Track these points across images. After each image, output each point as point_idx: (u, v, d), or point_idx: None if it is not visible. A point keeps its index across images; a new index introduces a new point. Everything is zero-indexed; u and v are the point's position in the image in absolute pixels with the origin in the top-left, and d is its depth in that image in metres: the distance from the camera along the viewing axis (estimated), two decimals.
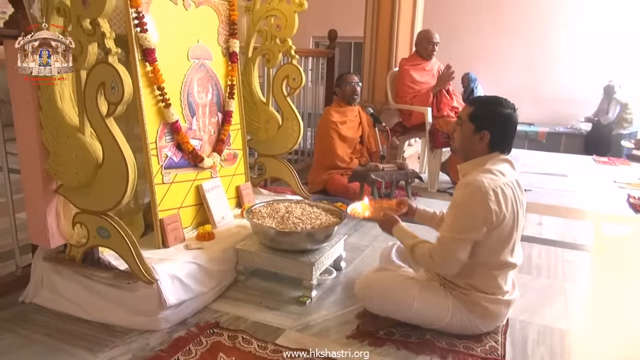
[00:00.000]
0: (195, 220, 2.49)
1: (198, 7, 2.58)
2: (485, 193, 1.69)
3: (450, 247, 1.75)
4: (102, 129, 1.76)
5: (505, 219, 1.75)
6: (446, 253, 1.76)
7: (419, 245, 1.86)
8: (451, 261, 1.76)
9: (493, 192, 1.71)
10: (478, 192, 1.70)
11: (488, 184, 1.71)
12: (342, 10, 8.99)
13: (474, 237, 1.73)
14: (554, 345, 1.91)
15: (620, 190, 4.47)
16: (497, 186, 1.72)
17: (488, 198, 1.69)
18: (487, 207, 1.70)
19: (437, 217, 2.14)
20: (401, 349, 1.84)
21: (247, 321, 2.01)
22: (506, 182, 1.76)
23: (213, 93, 2.70)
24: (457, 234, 1.74)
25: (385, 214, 2.03)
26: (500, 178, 1.75)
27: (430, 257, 1.79)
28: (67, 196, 1.96)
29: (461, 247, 1.74)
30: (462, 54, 8.31)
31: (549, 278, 2.53)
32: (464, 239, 1.73)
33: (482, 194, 1.69)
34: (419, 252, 1.85)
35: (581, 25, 8.41)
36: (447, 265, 1.79)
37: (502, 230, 1.77)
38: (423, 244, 1.85)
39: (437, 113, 4.19)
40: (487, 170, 1.76)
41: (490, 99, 1.88)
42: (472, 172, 1.80)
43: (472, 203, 1.72)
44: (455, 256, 1.74)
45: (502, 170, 1.78)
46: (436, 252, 1.78)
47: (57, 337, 1.86)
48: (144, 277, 1.86)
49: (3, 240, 2.58)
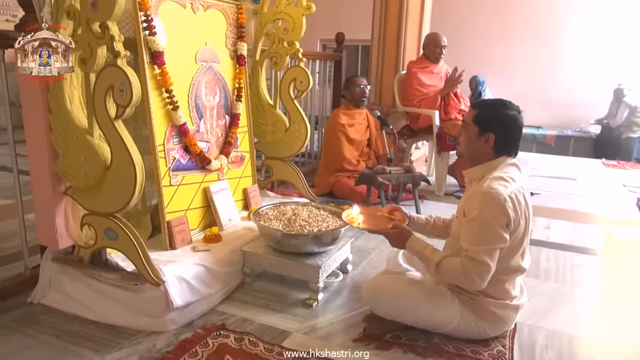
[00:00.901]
0: (203, 223, 2.50)
1: (206, 11, 2.59)
2: (504, 200, 1.68)
3: (482, 261, 1.67)
4: (110, 131, 1.77)
5: (519, 225, 1.74)
6: (479, 267, 1.68)
7: (446, 261, 1.76)
8: (485, 274, 1.69)
9: (510, 199, 1.69)
10: (496, 200, 1.68)
11: (504, 192, 1.69)
12: (350, 13, 9.01)
13: (502, 244, 1.70)
14: (562, 350, 1.89)
15: (629, 194, 4.43)
16: (512, 192, 1.71)
17: (506, 205, 1.68)
18: (506, 213, 1.68)
19: (430, 224, 2.09)
20: (408, 352, 1.83)
21: (253, 323, 2.01)
22: (518, 188, 1.75)
23: (221, 96, 2.71)
24: (485, 245, 1.68)
25: (395, 225, 1.93)
26: (513, 184, 1.74)
27: (463, 275, 1.70)
28: (76, 198, 1.97)
29: (492, 258, 1.69)
30: (470, 57, 8.29)
31: (557, 282, 2.51)
32: (493, 249, 1.69)
33: (500, 202, 1.67)
34: (447, 269, 1.75)
35: (590, 28, 8.36)
36: (481, 280, 1.70)
37: (515, 237, 1.76)
38: (450, 261, 1.76)
39: (445, 116, 4.18)
40: (498, 178, 1.75)
41: (494, 101, 1.88)
42: (484, 180, 1.77)
43: (492, 212, 1.68)
44: (489, 269, 1.68)
45: (512, 175, 1.77)
46: (468, 268, 1.69)
47: (64, 338, 1.87)
48: (151, 279, 1.87)
49: (12, 241, 2.60)
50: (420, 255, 1.85)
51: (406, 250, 1.90)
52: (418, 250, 1.85)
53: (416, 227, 2.08)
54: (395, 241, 1.91)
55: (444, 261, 1.77)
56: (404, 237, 1.88)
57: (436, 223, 2.10)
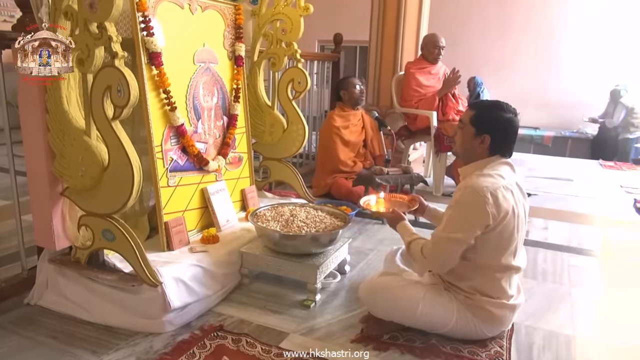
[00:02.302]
0: (200, 223, 2.50)
1: (204, 11, 2.59)
2: (483, 196, 1.71)
3: (440, 247, 1.78)
4: (108, 132, 1.77)
5: (504, 221, 1.75)
6: (436, 251, 1.79)
7: (415, 242, 1.89)
8: (440, 260, 1.80)
9: (491, 195, 1.71)
10: (476, 195, 1.72)
11: (486, 187, 1.72)
12: (348, 14, 9.01)
13: (465, 238, 1.73)
14: (559, 351, 1.90)
15: (626, 195, 4.44)
16: (496, 189, 1.73)
17: (486, 202, 1.70)
18: (483, 210, 1.71)
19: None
20: (405, 353, 1.83)
21: (251, 324, 2.01)
22: (505, 185, 1.77)
23: (218, 96, 2.71)
24: (448, 233, 1.75)
25: (394, 210, 2.06)
26: (500, 181, 1.76)
27: (422, 254, 1.81)
28: (73, 198, 1.97)
29: (451, 248, 1.75)
30: (468, 58, 8.30)
31: (554, 283, 2.51)
32: (455, 239, 1.74)
33: (480, 198, 1.71)
34: (413, 249, 1.88)
35: (588, 29, 8.38)
36: (436, 264, 1.84)
37: (502, 233, 1.77)
38: (418, 241, 1.88)
39: (443, 117, 4.19)
40: (486, 174, 1.78)
41: (491, 103, 1.90)
42: (471, 176, 1.81)
43: (469, 206, 1.74)
44: (444, 256, 1.78)
45: (501, 173, 1.79)
46: (427, 249, 1.81)
47: (61, 339, 1.87)
48: (149, 280, 1.86)
49: (9, 242, 2.60)
50: (402, 237, 1.99)
51: (396, 230, 2.03)
52: (401, 232, 1.99)
53: (431, 217, 2.20)
54: (390, 223, 2.06)
55: (413, 242, 1.89)
56: (396, 221, 2.03)
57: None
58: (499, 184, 1.75)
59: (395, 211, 2.06)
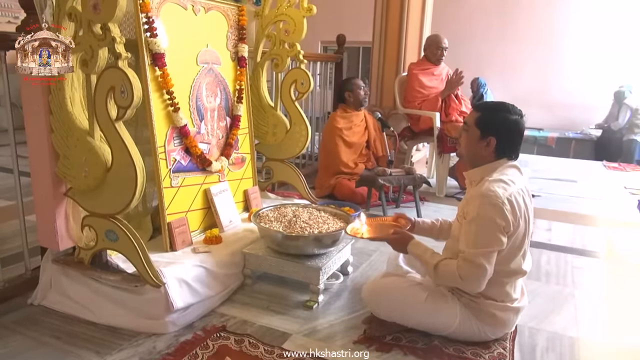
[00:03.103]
0: (203, 224, 2.50)
1: (207, 12, 2.60)
2: (502, 203, 1.68)
3: (479, 263, 1.68)
4: (111, 133, 1.77)
5: (519, 227, 1.74)
6: (476, 270, 1.69)
7: (443, 263, 1.77)
8: (482, 277, 1.70)
9: (508, 202, 1.69)
10: (494, 203, 1.68)
11: (502, 194, 1.69)
12: (351, 15, 9.01)
13: (499, 247, 1.70)
14: (563, 352, 1.89)
15: (630, 196, 4.43)
16: (511, 195, 1.71)
17: (505, 208, 1.68)
18: (505, 217, 1.68)
19: (437, 227, 2.11)
20: (408, 354, 1.82)
21: (253, 325, 2.01)
22: (518, 191, 1.75)
23: (221, 97, 2.71)
24: (482, 248, 1.69)
25: (396, 231, 1.96)
26: (512, 186, 1.73)
27: (460, 277, 1.71)
28: (76, 199, 1.97)
29: (489, 261, 1.69)
30: (471, 59, 8.29)
31: (558, 285, 2.50)
32: (491, 252, 1.69)
33: (499, 205, 1.67)
34: (443, 271, 1.76)
35: (591, 30, 8.36)
36: (478, 282, 1.72)
37: (515, 239, 1.76)
38: (448, 263, 1.76)
39: (446, 118, 4.18)
40: (498, 180, 1.74)
41: (497, 104, 1.86)
42: (483, 182, 1.77)
43: (490, 215, 1.68)
44: (485, 271, 1.69)
45: (512, 178, 1.77)
46: (464, 270, 1.70)
47: (65, 339, 1.87)
48: (152, 281, 1.87)
49: (13, 242, 2.61)
50: (420, 258, 1.86)
51: (408, 254, 1.92)
52: (418, 253, 1.86)
53: (421, 231, 2.10)
54: (397, 246, 1.95)
55: (441, 263, 1.77)
56: (404, 242, 1.90)
57: (442, 226, 2.11)
58: (512, 190, 1.72)
59: (398, 231, 1.95)
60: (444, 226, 2.11)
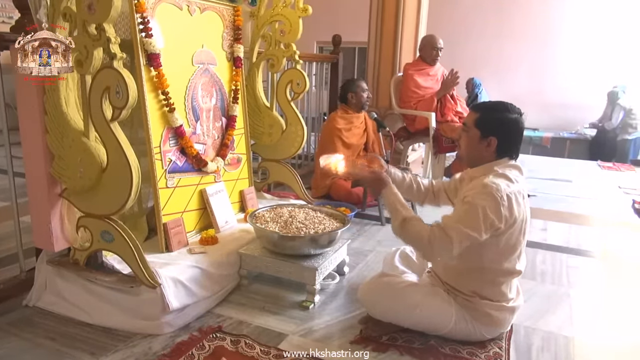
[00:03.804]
0: (199, 225, 2.49)
1: (203, 13, 2.59)
2: (500, 198, 1.66)
3: (451, 236, 1.68)
4: (106, 133, 1.76)
5: (514, 224, 1.73)
6: (444, 240, 1.69)
7: (414, 222, 1.77)
8: (445, 250, 1.70)
9: (507, 198, 1.68)
10: (493, 196, 1.67)
11: (504, 189, 1.68)
12: (347, 15, 9.02)
13: (477, 237, 1.67)
14: (558, 352, 1.90)
15: (625, 196, 4.45)
16: (512, 192, 1.70)
17: (501, 204, 1.66)
18: (498, 212, 1.67)
19: (406, 183, 2.07)
20: (404, 354, 1.83)
21: (250, 326, 2.01)
22: (519, 190, 1.74)
23: (217, 98, 2.71)
24: (464, 227, 1.67)
25: (374, 171, 1.92)
26: (515, 185, 1.73)
27: (426, 239, 1.71)
28: (72, 200, 1.97)
29: (462, 241, 1.68)
30: (467, 59, 8.31)
31: (553, 284, 2.51)
32: (467, 235, 1.67)
33: (497, 199, 1.66)
34: (411, 228, 1.76)
35: (585, 31, 8.40)
36: (437, 253, 1.74)
37: (510, 237, 1.75)
38: (419, 222, 1.77)
39: (441, 118, 4.19)
40: (502, 175, 1.74)
41: (496, 104, 1.85)
42: (486, 175, 1.76)
43: (484, 205, 1.67)
44: (452, 247, 1.68)
45: (515, 177, 1.76)
46: (435, 236, 1.70)
47: (60, 340, 1.86)
48: (147, 281, 1.86)
49: (7, 243, 2.59)
50: (392, 206, 1.84)
51: (381, 197, 1.90)
52: (392, 200, 1.85)
53: (393, 181, 2.02)
54: (372, 186, 1.93)
55: (412, 220, 1.77)
56: (380, 184, 1.90)
57: (412, 185, 2.08)
58: (515, 188, 1.72)
59: (377, 172, 1.91)
60: (413, 185, 2.07)
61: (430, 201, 2.14)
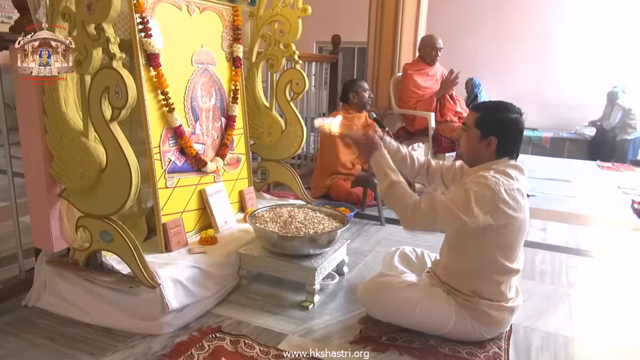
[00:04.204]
0: (198, 225, 2.49)
1: (202, 13, 2.59)
2: (498, 191, 1.66)
3: (437, 211, 1.69)
4: (105, 133, 1.76)
5: (513, 222, 1.73)
6: (430, 214, 1.70)
7: (402, 185, 1.79)
8: (428, 223, 1.72)
9: (505, 192, 1.68)
10: (491, 187, 1.67)
11: (503, 183, 1.69)
12: (346, 15, 9.01)
13: (465, 220, 1.66)
14: (557, 351, 1.90)
15: (624, 196, 4.45)
16: (512, 188, 1.71)
17: (498, 196, 1.66)
18: (492, 205, 1.67)
19: (401, 155, 2.06)
20: (404, 354, 1.83)
21: (249, 326, 2.00)
22: (518, 187, 1.74)
23: (216, 98, 2.71)
24: (453, 207, 1.68)
25: (367, 134, 1.93)
26: (514, 182, 1.73)
27: (413, 209, 1.72)
28: (71, 200, 1.97)
29: (446, 218, 1.69)
30: (466, 59, 8.30)
31: (553, 284, 2.51)
32: (455, 215, 1.67)
33: (494, 191, 1.66)
34: (399, 193, 1.78)
35: (585, 31, 8.40)
36: (421, 224, 1.75)
37: (505, 233, 1.75)
38: (407, 188, 1.78)
39: (441, 118, 4.20)
40: (502, 172, 1.74)
41: (496, 104, 1.86)
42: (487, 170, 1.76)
43: (481, 193, 1.67)
44: (435, 220, 1.70)
45: (516, 176, 1.77)
46: (421, 207, 1.71)
47: (59, 340, 1.86)
48: (147, 282, 1.86)
49: (7, 243, 2.59)
50: (380, 170, 1.85)
51: (371, 162, 1.90)
52: (381, 164, 1.86)
53: (387, 149, 2.02)
54: (363, 149, 1.92)
55: (401, 184, 1.79)
56: (371, 148, 1.90)
57: (406, 158, 2.06)
58: (514, 185, 1.72)
59: (369, 135, 1.91)
60: (406, 158, 2.06)
61: (422, 179, 2.14)
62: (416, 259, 2.24)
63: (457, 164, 2.05)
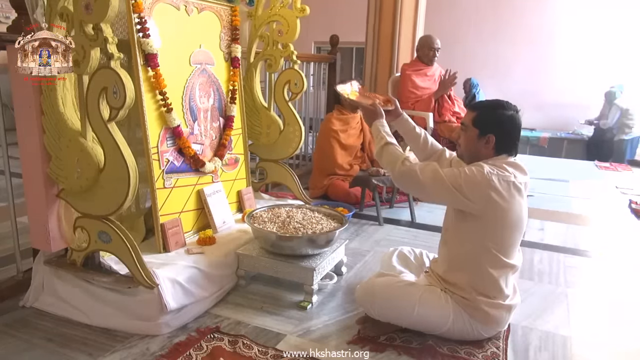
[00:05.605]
0: (197, 225, 2.49)
1: (200, 13, 2.59)
2: (490, 180, 1.72)
3: (425, 171, 1.79)
4: (103, 134, 1.76)
5: (508, 212, 1.76)
6: (417, 172, 1.80)
7: (395, 147, 1.93)
8: (415, 180, 1.81)
9: (497, 180, 1.72)
10: (483, 174, 1.73)
11: (497, 173, 1.74)
12: (344, 15, 9.02)
13: (451, 190, 1.74)
14: (555, 351, 1.90)
15: (622, 196, 4.46)
16: (505, 180, 1.74)
17: (490, 183, 1.72)
18: (480, 190, 1.72)
19: (414, 133, 2.14)
20: (402, 354, 1.83)
21: (247, 326, 2.00)
22: (514, 181, 1.77)
23: (215, 98, 2.70)
24: (442, 173, 1.77)
25: (374, 104, 2.08)
26: (510, 175, 1.76)
27: (402, 162, 1.85)
28: (69, 200, 1.96)
29: (433, 180, 1.77)
30: (464, 60, 8.32)
31: (550, 284, 2.52)
32: (442, 180, 1.75)
33: (485, 176, 1.72)
34: (392, 152, 1.92)
35: (582, 31, 8.42)
36: (408, 179, 1.84)
37: (495, 222, 1.77)
38: (400, 150, 1.93)
39: (439, 118, 4.20)
40: (499, 166, 1.78)
41: (492, 102, 1.90)
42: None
43: (470, 174, 1.74)
44: (421, 178, 1.79)
45: (513, 172, 1.79)
46: (411, 164, 1.84)
47: (57, 341, 1.86)
48: (145, 282, 1.86)
49: (4, 244, 2.59)
50: (378, 134, 2.00)
51: (371, 128, 2.06)
52: (378, 129, 2.02)
53: (403, 126, 2.17)
54: (367, 116, 2.11)
55: (394, 146, 1.94)
56: (374, 116, 2.07)
57: (420, 136, 2.14)
58: (509, 178, 1.76)
59: (376, 105, 2.07)
60: (420, 139, 2.13)
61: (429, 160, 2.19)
62: (415, 259, 2.25)
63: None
